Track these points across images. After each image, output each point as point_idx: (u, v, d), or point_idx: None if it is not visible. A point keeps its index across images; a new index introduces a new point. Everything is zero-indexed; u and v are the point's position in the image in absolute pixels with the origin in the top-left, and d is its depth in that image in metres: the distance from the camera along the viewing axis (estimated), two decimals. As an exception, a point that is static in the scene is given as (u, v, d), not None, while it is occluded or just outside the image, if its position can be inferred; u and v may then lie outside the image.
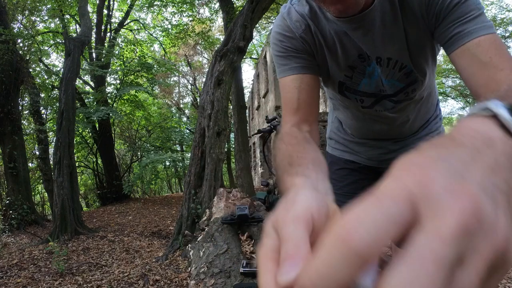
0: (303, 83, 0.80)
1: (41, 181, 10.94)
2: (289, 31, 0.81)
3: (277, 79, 0.86)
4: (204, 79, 8.35)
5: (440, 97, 9.57)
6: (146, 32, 15.40)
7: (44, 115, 11.75)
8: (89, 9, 10.93)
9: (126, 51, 13.23)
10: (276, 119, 4.08)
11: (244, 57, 12.52)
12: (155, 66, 11.32)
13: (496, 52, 0.62)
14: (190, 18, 13.25)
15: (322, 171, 0.52)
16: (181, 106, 22.48)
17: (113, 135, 12.11)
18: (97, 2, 12.12)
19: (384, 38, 0.77)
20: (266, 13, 8.49)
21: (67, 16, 11.49)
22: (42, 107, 10.88)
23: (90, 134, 11.30)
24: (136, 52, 13.14)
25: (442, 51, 0.80)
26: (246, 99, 16.79)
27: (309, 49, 0.83)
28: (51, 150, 9.52)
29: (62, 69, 8.78)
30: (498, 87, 0.58)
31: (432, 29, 0.73)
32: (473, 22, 0.65)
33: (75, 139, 8.79)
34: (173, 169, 18.77)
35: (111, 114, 9.81)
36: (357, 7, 0.68)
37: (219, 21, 16.21)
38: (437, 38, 0.73)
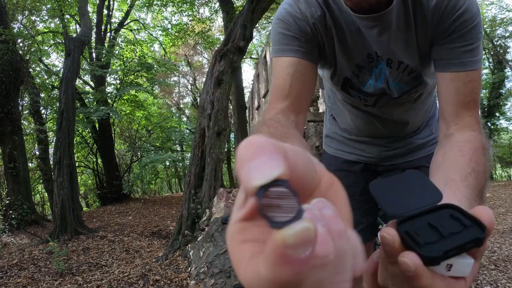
0: (298, 70, 0.75)
1: (41, 181, 10.94)
2: (300, 14, 0.77)
3: None
4: (204, 79, 8.37)
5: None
6: (146, 32, 15.41)
7: (44, 115, 11.74)
8: (89, 9, 10.94)
9: (126, 51, 13.23)
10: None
11: (244, 57, 12.54)
12: (155, 66, 11.32)
13: (476, 97, 0.70)
14: (190, 18, 13.25)
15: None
16: (181, 106, 22.46)
17: (113, 135, 12.11)
18: (97, 2, 12.12)
19: (398, 41, 0.77)
20: (266, 13, 8.48)
21: (67, 16, 11.48)
22: (42, 107, 10.87)
23: (90, 134, 11.30)
24: (136, 52, 13.14)
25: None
26: (246, 99, 16.78)
27: (317, 37, 0.80)
28: (51, 150, 9.51)
29: (62, 69, 8.79)
30: (458, 127, 0.68)
31: (433, 40, 0.74)
32: (471, 53, 0.69)
33: (75, 139, 8.80)
34: (173, 169, 18.78)
35: (111, 114, 9.81)
36: (375, 1, 0.69)
37: (219, 21, 16.20)
38: (433, 50, 0.74)
